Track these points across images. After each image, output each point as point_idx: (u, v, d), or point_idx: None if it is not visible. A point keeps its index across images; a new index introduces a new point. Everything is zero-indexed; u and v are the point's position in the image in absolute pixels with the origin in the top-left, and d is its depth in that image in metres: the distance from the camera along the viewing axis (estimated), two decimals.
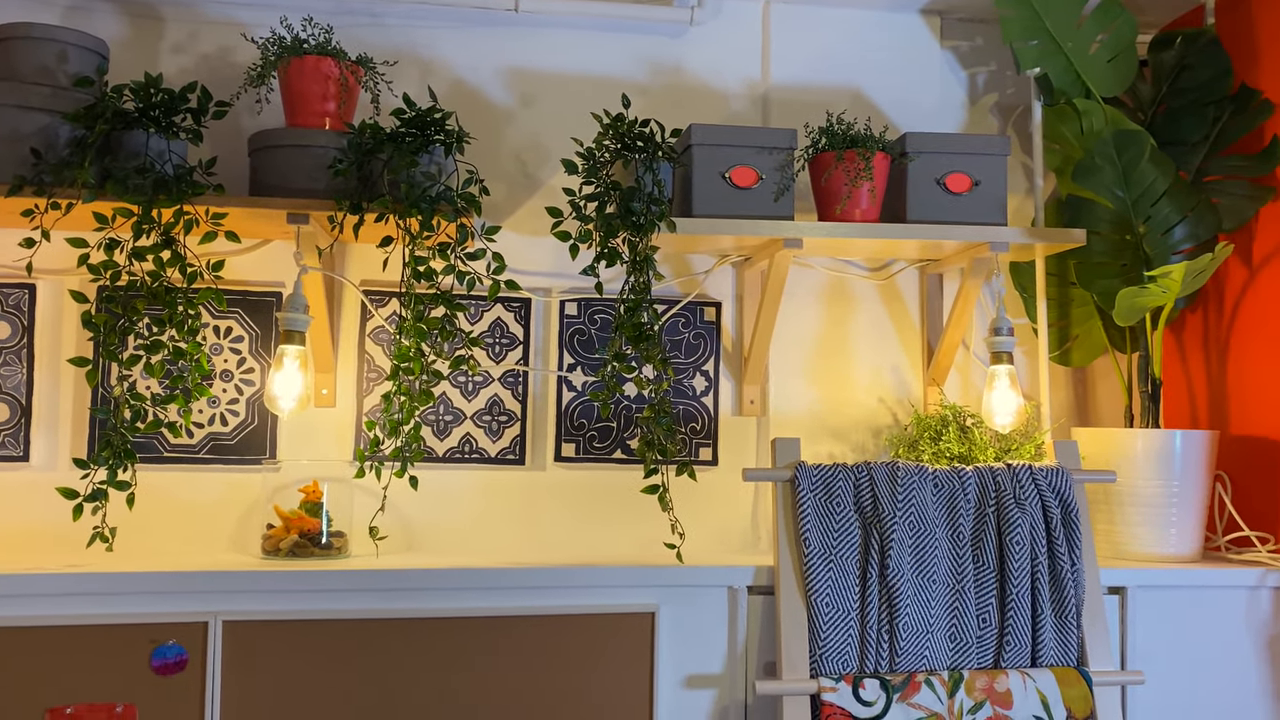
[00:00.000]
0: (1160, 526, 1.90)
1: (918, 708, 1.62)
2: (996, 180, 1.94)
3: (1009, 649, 1.69)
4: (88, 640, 1.53)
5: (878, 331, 2.18)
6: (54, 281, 1.93)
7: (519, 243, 2.07)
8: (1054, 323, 2.18)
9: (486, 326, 2.06)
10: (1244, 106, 2.02)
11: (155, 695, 1.54)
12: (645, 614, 1.67)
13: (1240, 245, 2.03)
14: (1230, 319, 2.06)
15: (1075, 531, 1.73)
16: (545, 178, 2.08)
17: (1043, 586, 1.70)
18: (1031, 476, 1.75)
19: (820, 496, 1.71)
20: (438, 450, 2.04)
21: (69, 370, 1.92)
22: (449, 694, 1.61)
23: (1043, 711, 1.65)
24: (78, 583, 1.54)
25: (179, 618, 1.55)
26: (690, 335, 2.13)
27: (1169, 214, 1.97)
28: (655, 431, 1.77)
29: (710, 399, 2.13)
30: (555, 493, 2.07)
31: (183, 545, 1.93)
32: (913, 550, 1.69)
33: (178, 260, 1.71)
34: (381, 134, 1.76)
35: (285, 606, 1.58)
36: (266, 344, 1.99)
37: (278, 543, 1.79)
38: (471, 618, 1.62)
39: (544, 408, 2.08)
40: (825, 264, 2.17)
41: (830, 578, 1.66)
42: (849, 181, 1.88)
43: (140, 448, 1.92)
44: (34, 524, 1.89)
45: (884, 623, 1.66)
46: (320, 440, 2.00)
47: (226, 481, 1.96)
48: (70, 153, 1.68)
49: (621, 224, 1.76)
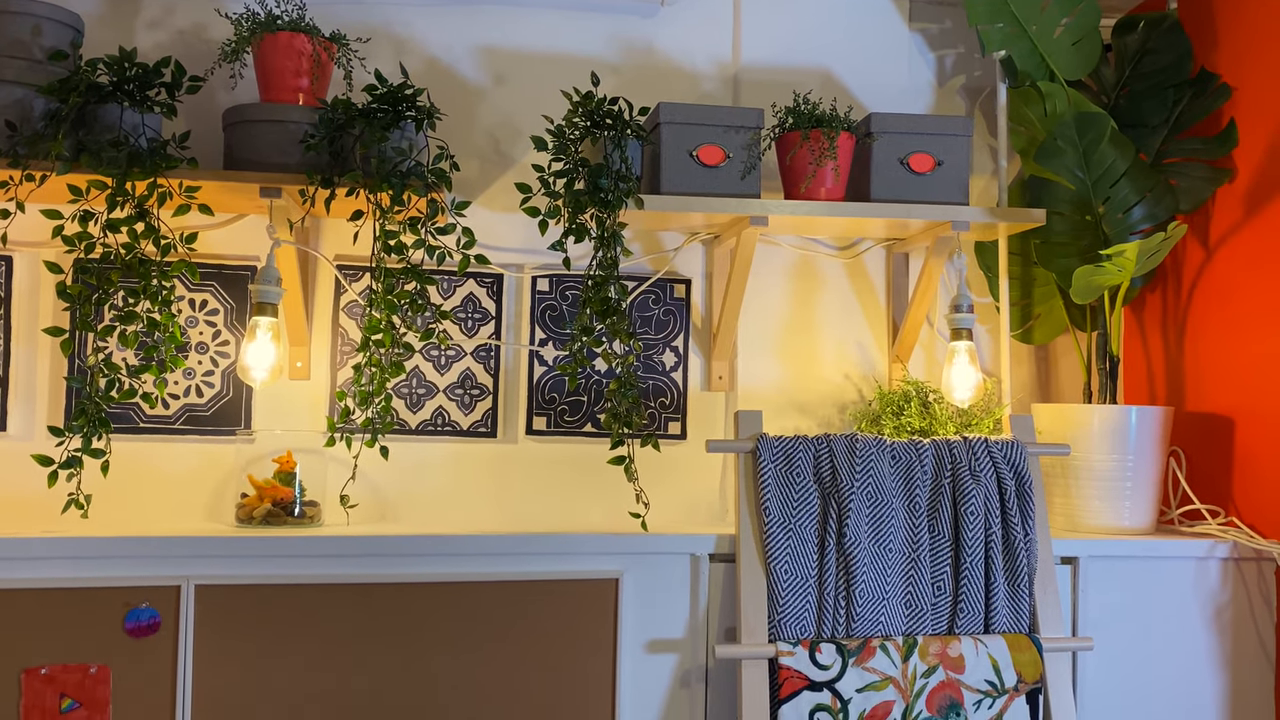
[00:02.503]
0: (1115, 500, 1.95)
1: (872, 671, 1.67)
2: (959, 160, 1.98)
3: (962, 616, 1.74)
4: (63, 603, 1.57)
5: (844, 309, 2.22)
6: (30, 254, 1.95)
7: (492, 219, 2.10)
8: (1016, 301, 2.23)
9: (459, 301, 2.10)
10: (1203, 90, 2.07)
11: (129, 657, 1.58)
12: (609, 580, 1.72)
13: (1197, 226, 2.08)
14: (1188, 299, 2.11)
15: (1028, 502, 1.78)
16: (518, 156, 2.11)
17: (996, 556, 1.75)
18: (987, 449, 1.80)
19: (781, 467, 1.75)
20: (410, 423, 2.07)
21: (46, 342, 1.95)
22: (417, 657, 1.65)
23: (994, 676, 1.70)
24: (53, 547, 1.57)
25: (152, 581, 1.59)
26: (660, 311, 2.17)
27: (1128, 195, 2.01)
28: (621, 404, 1.81)
29: (679, 374, 2.17)
30: (526, 465, 2.11)
31: (158, 514, 1.97)
32: (870, 520, 1.74)
33: (151, 233, 1.73)
34: (354, 110, 1.78)
35: (256, 571, 1.62)
36: (241, 317, 2.02)
37: (251, 511, 1.83)
38: (439, 583, 1.66)
39: (516, 382, 2.12)
40: (793, 243, 2.21)
41: (789, 546, 1.71)
42: (814, 160, 1.92)
43: (116, 418, 1.95)
44: (12, 493, 1.92)
45: (841, 590, 1.71)
46: (295, 413, 2.03)
47: (201, 452, 2.00)
48: (45, 125, 1.71)
49: (589, 200, 1.80)
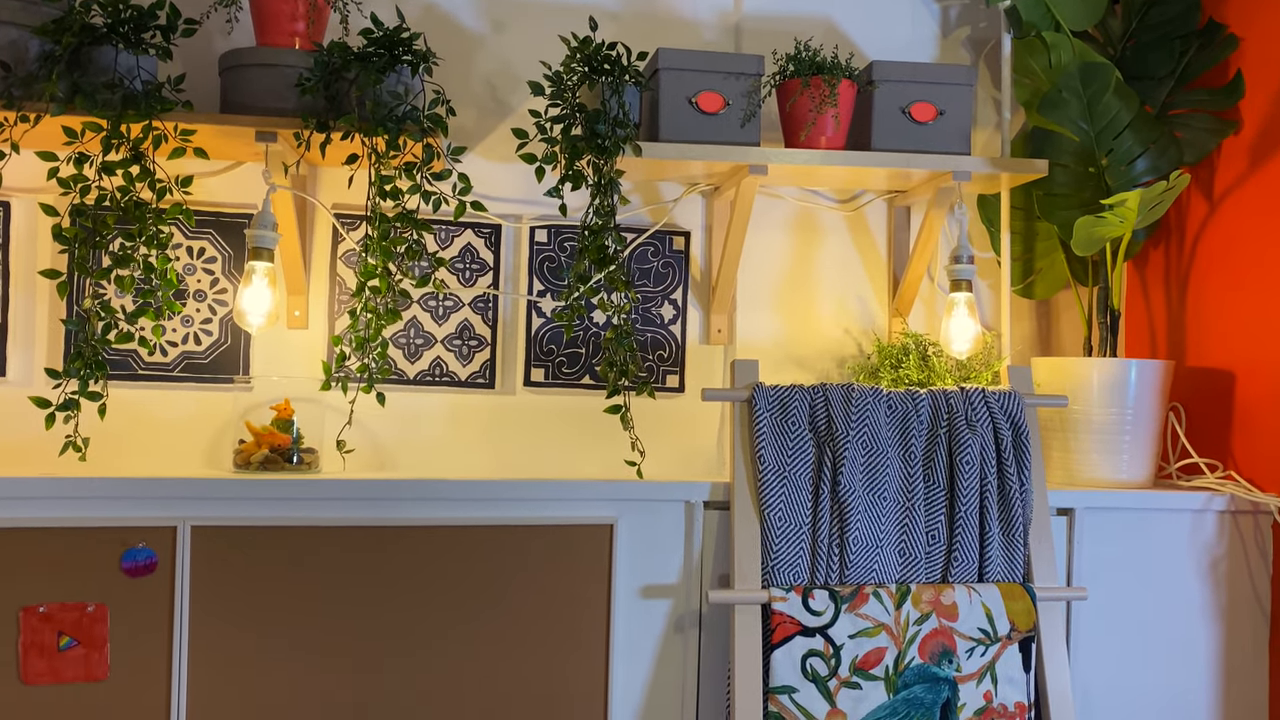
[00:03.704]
0: (1113, 454, 1.94)
1: (865, 618, 1.67)
2: (961, 110, 1.96)
3: (956, 565, 1.74)
4: (60, 542, 1.58)
5: (845, 263, 2.21)
6: (28, 200, 1.95)
7: (489, 169, 2.09)
8: (1018, 256, 2.21)
9: (457, 252, 2.09)
10: (1210, 41, 2.04)
11: (126, 596, 1.59)
12: (604, 526, 1.72)
13: (1202, 179, 2.06)
14: (1191, 253, 2.09)
15: (1025, 453, 1.78)
16: (516, 104, 2.10)
17: (991, 506, 1.75)
18: (984, 399, 1.79)
19: (776, 416, 1.75)
20: (408, 373, 2.07)
21: (44, 289, 1.95)
22: (413, 600, 1.66)
23: (987, 624, 1.70)
24: (51, 487, 1.58)
25: (149, 522, 1.60)
26: (659, 264, 2.16)
27: (1131, 146, 1.99)
28: (618, 353, 1.81)
29: (678, 327, 2.16)
30: (524, 417, 2.11)
31: (156, 461, 1.98)
32: (865, 468, 1.74)
33: (147, 176, 1.73)
34: (349, 53, 1.77)
35: (252, 513, 1.63)
36: (239, 265, 2.02)
37: (249, 457, 1.83)
38: (436, 526, 1.67)
39: (514, 333, 2.11)
40: (794, 194, 2.19)
41: (784, 493, 1.71)
42: (814, 108, 1.90)
43: (115, 365, 1.96)
44: (11, 438, 1.93)
45: (834, 537, 1.71)
46: (293, 362, 2.04)
47: (200, 400, 2.00)
48: (38, 66, 1.70)
49: (586, 146, 1.79)
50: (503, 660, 1.68)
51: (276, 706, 1.62)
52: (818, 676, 1.64)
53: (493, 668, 1.67)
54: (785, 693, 1.63)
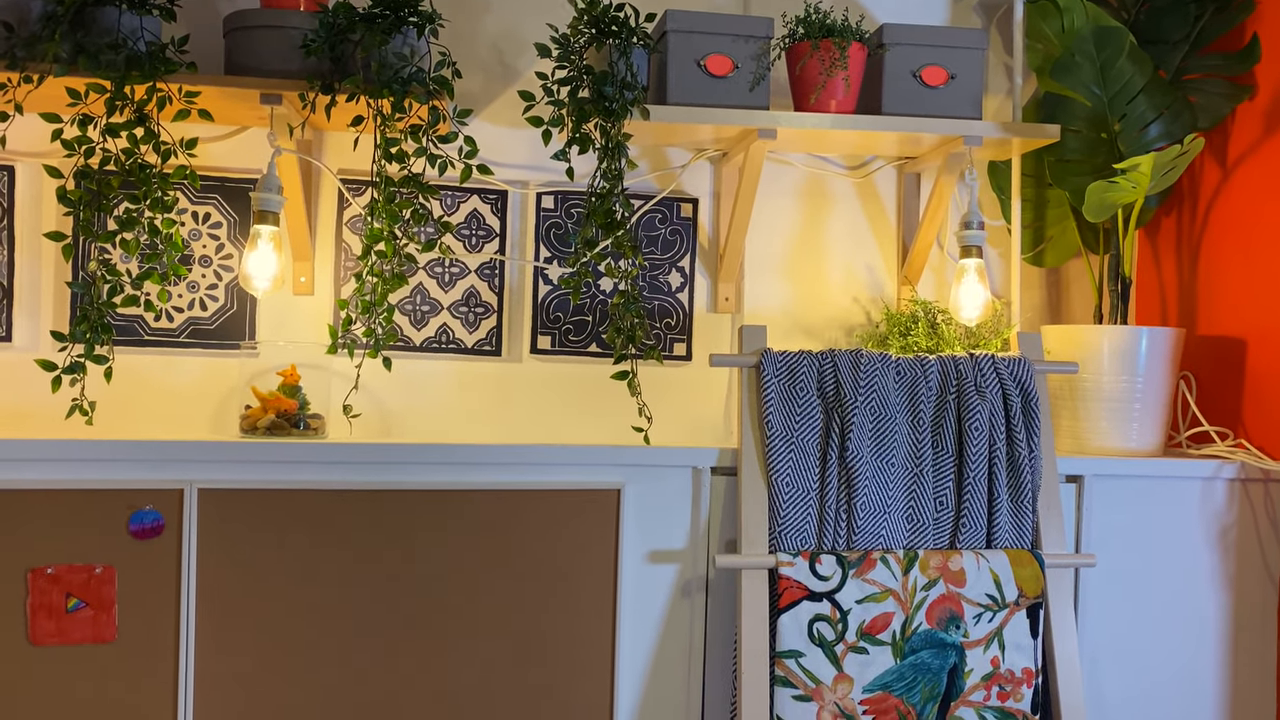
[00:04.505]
0: (1123, 422, 1.93)
1: (872, 583, 1.67)
2: (972, 74, 1.94)
3: (964, 531, 1.73)
4: (68, 504, 1.58)
5: (854, 231, 2.19)
6: (33, 165, 1.94)
7: (496, 134, 2.08)
8: (1029, 224, 2.19)
9: (463, 218, 2.08)
10: (1225, 4, 2.01)
11: (133, 558, 1.59)
12: (611, 491, 1.72)
13: (1216, 145, 2.04)
14: (1203, 221, 2.07)
15: (1034, 420, 1.77)
16: (523, 68, 2.08)
17: (1000, 472, 1.74)
18: (993, 365, 1.78)
19: (784, 381, 1.74)
20: (415, 339, 2.07)
21: (50, 254, 1.95)
22: (420, 563, 1.66)
23: (995, 590, 1.70)
24: (58, 449, 1.58)
25: (156, 485, 1.60)
26: (667, 231, 2.15)
27: (1145, 111, 1.97)
28: (625, 318, 1.80)
29: (685, 295, 2.15)
30: (530, 384, 2.10)
31: (163, 426, 1.98)
32: (873, 434, 1.73)
33: (151, 138, 1.72)
34: (354, 14, 1.75)
35: (258, 476, 1.62)
36: (244, 230, 2.01)
37: (255, 422, 1.83)
38: (443, 490, 1.67)
39: (520, 300, 2.10)
40: (803, 161, 2.17)
41: (791, 459, 1.70)
42: (824, 71, 1.88)
43: (121, 331, 1.95)
44: (18, 403, 1.93)
45: (842, 503, 1.71)
46: (299, 328, 2.03)
47: (206, 366, 2.00)
48: (41, 27, 1.68)
49: (594, 109, 1.77)
50: (510, 623, 1.68)
51: (284, 667, 1.62)
52: (824, 641, 1.64)
53: (498, 631, 1.67)
54: (792, 657, 1.63)
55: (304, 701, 1.63)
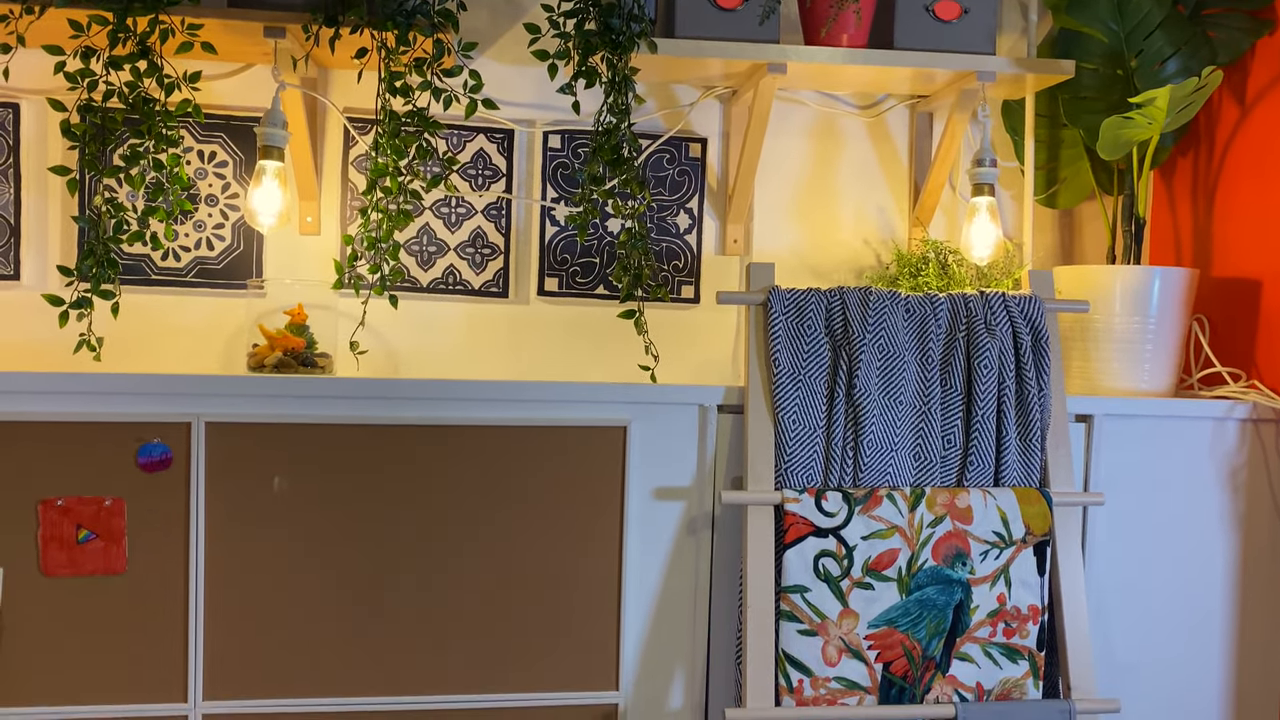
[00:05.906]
0: (1134, 363, 1.91)
1: (878, 520, 1.66)
2: (986, 9, 1.90)
3: (972, 469, 1.73)
4: (77, 436, 1.59)
5: (865, 171, 2.17)
6: (38, 102, 1.93)
7: (502, 72, 2.05)
8: (1042, 165, 2.16)
9: (469, 158, 2.06)
10: None
11: (142, 490, 1.60)
12: (617, 428, 1.71)
13: (1234, 82, 2.00)
14: (1220, 160, 2.03)
15: (1044, 358, 1.75)
16: (529, 3, 2.05)
17: (1009, 410, 1.73)
18: (1004, 303, 1.76)
19: (792, 319, 1.73)
20: (422, 280, 2.06)
21: (57, 190, 1.94)
22: (426, 498, 1.67)
23: (1002, 527, 1.69)
24: (67, 382, 1.58)
25: (163, 418, 1.60)
26: (675, 172, 2.13)
27: (1162, 47, 1.93)
28: (633, 256, 1.79)
29: (694, 237, 2.14)
30: (538, 326, 2.10)
31: (171, 365, 1.98)
32: (880, 372, 1.72)
33: (155, 71, 1.70)
34: None
35: (265, 410, 1.63)
36: (250, 169, 2.00)
37: (263, 360, 1.83)
38: (450, 426, 1.67)
39: (527, 242, 2.09)
40: (814, 99, 2.14)
41: (798, 396, 1.70)
42: (835, 3, 1.85)
43: (129, 270, 1.95)
44: (27, 340, 1.94)
45: (849, 440, 1.70)
46: (305, 268, 2.02)
47: (213, 305, 2.00)
48: None
49: (600, 42, 1.75)
50: (516, 559, 1.69)
51: (292, 600, 1.64)
52: (830, 576, 1.64)
53: (506, 566, 1.68)
54: (797, 592, 1.64)
55: (311, 632, 1.64)
